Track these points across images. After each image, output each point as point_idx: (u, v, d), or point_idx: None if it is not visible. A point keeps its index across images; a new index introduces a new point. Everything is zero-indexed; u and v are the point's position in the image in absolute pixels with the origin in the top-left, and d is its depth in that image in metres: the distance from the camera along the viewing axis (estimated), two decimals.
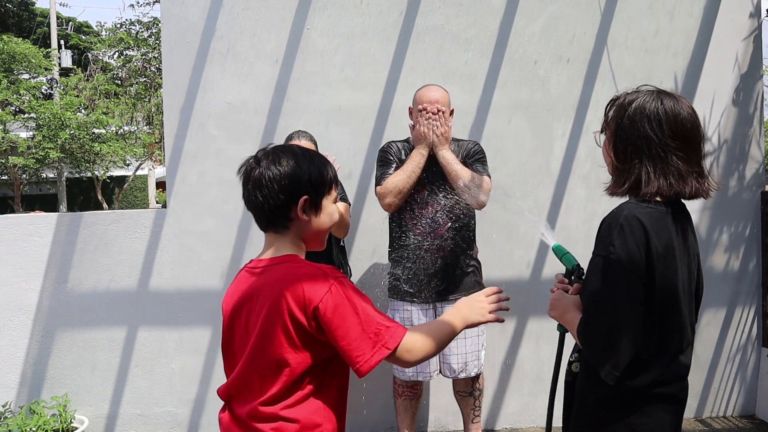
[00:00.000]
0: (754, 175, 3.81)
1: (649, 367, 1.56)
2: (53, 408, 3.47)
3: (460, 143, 3.13)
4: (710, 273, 3.80)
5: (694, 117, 1.65)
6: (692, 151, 1.65)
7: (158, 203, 20.44)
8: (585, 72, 3.72)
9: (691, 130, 1.64)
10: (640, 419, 1.58)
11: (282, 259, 1.57)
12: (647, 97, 1.67)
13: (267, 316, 1.49)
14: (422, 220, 3.04)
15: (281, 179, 1.53)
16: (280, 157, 1.56)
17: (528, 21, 3.68)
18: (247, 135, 3.59)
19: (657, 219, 1.57)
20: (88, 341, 3.59)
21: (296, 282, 1.48)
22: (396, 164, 3.06)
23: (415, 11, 3.64)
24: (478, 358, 3.14)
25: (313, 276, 1.49)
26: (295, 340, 1.48)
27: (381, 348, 1.47)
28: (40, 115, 12.95)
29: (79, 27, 24.48)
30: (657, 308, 1.55)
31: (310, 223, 1.58)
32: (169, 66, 3.59)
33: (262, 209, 1.57)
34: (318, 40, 3.61)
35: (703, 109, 3.76)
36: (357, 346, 1.46)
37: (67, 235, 3.56)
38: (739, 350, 3.86)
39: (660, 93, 1.68)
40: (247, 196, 1.60)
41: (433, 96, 3.00)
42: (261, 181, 1.55)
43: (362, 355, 1.46)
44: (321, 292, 1.46)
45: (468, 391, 3.24)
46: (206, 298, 3.59)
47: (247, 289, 1.58)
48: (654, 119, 1.62)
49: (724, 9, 3.76)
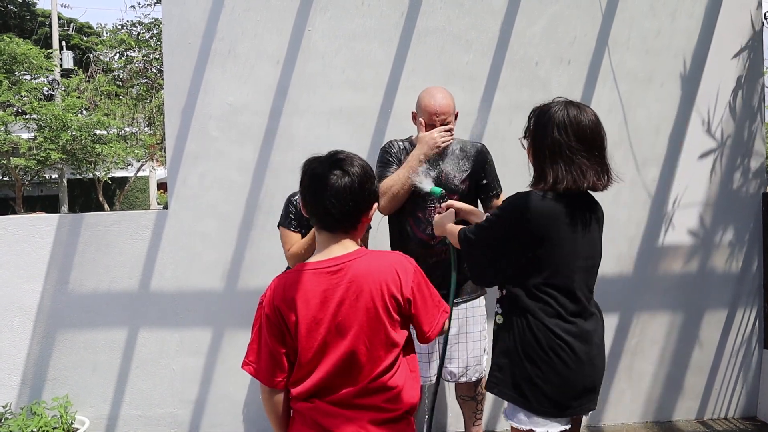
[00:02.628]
0: (755, 175, 3.81)
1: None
2: (54, 409, 3.47)
3: (464, 145, 3.08)
4: (712, 273, 3.80)
5: (595, 123, 2.07)
6: (592, 151, 2.04)
7: (159, 204, 20.46)
8: (586, 73, 3.71)
9: (590, 134, 2.04)
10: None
11: (360, 253, 1.74)
12: (557, 107, 2.07)
13: (370, 303, 1.69)
14: (422, 223, 3.01)
15: (368, 184, 1.73)
16: (356, 163, 1.73)
17: (529, 22, 3.68)
18: (248, 136, 3.59)
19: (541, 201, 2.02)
20: (89, 342, 3.59)
21: (391, 269, 1.73)
22: (395, 165, 3.01)
23: (416, 12, 3.64)
24: (479, 363, 3.11)
25: (400, 263, 1.76)
26: (397, 319, 1.73)
27: (443, 313, 1.82)
28: (42, 116, 12.96)
29: (80, 28, 24.50)
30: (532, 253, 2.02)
31: (364, 226, 1.80)
32: (170, 67, 3.59)
33: (349, 213, 1.72)
34: (319, 42, 3.61)
35: (705, 110, 3.76)
36: (432, 315, 1.79)
37: (69, 236, 3.56)
38: (740, 351, 3.85)
39: (567, 103, 2.08)
40: (333, 202, 1.69)
41: (439, 107, 2.92)
42: (352, 187, 1.69)
43: (433, 322, 1.79)
44: (410, 275, 1.74)
45: (471, 396, 3.22)
46: (207, 299, 3.59)
47: (331, 287, 1.69)
48: (561, 126, 2.03)
49: (725, 9, 3.76)
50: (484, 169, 3.06)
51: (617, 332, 3.77)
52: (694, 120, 3.76)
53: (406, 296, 1.72)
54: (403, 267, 1.75)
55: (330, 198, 1.67)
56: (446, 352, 3.01)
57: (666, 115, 3.75)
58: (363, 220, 1.76)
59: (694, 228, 3.78)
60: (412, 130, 3.44)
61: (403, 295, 1.72)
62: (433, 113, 2.92)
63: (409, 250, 2.99)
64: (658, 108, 3.74)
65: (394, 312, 1.71)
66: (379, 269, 1.71)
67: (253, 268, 3.59)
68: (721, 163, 3.80)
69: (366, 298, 1.68)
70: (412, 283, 1.73)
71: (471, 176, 3.03)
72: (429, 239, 2.97)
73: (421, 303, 1.76)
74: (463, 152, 3.05)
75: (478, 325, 3.10)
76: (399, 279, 1.72)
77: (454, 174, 3.01)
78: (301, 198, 1.81)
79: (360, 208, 1.72)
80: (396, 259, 1.77)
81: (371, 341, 1.70)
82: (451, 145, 3.04)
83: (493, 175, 3.09)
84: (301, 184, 1.76)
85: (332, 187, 1.67)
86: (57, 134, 12.99)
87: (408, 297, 1.72)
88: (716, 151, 3.79)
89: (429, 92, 3.00)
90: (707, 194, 3.79)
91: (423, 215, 2.98)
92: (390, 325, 1.71)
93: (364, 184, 1.71)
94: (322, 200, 1.69)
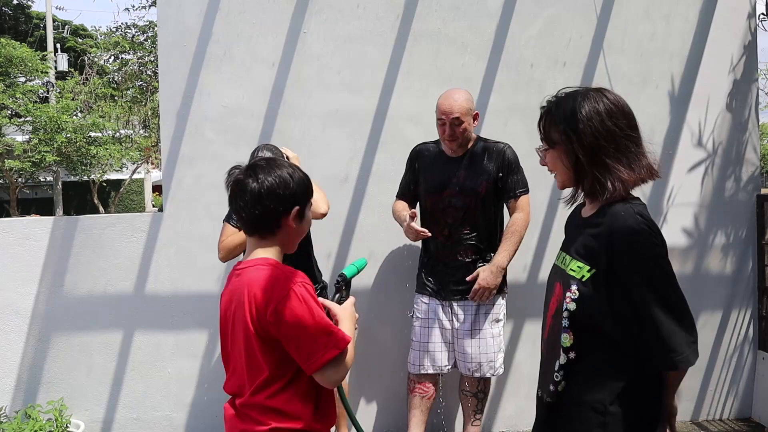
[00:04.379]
0: (750, 178, 3.82)
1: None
2: (49, 412, 3.45)
3: (487, 144, 3.17)
4: (706, 275, 3.81)
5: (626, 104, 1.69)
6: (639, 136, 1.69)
7: (155, 207, 20.39)
8: (581, 76, 3.72)
9: (634, 116, 1.69)
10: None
11: (255, 262, 1.69)
12: (588, 96, 1.67)
13: (241, 315, 1.65)
14: (442, 223, 3.14)
15: (279, 191, 1.67)
16: (274, 169, 1.70)
17: (524, 25, 3.69)
18: (244, 138, 3.58)
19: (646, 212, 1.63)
20: (84, 345, 3.58)
21: (260, 284, 1.63)
22: (409, 175, 3.29)
23: (411, 15, 3.64)
24: (494, 360, 3.17)
25: (276, 279, 1.63)
26: (263, 338, 1.62)
27: (331, 348, 1.61)
28: (37, 118, 12.92)
29: (75, 30, 24.45)
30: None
31: (294, 230, 1.73)
32: (165, 69, 3.59)
33: (258, 218, 1.69)
34: (314, 44, 3.61)
35: (699, 113, 3.78)
36: (309, 345, 1.60)
37: (63, 239, 3.55)
38: (735, 353, 3.86)
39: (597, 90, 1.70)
40: (241, 206, 1.70)
41: (448, 106, 3.05)
42: (259, 193, 1.66)
43: (314, 354, 1.60)
44: (280, 296, 1.60)
45: (472, 392, 3.24)
46: (203, 301, 3.58)
47: (232, 290, 1.72)
48: (611, 114, 1.65)
49: (719, 13, 3.77)
50: (502, 169, 3.12)
51: None
52: (688, 122, 3.78)
53: (271, 316, 1.60)
54: (276, 286, 1.62)
55: (239, 202, 1.70)
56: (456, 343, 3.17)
57: (661, 118, 3.76)
58: (281, 227, 1.70)
59: (688, 229, 3.79)
60: (406, 132, 3.45)
61: (268, 314, 1.60)
62: (442, 112, 3.06)
63: (430, 251, 3.21)
64: (652, 110, 3.75)
65: (261, 331, 1.62)
66: (252, 283, 1.64)
67: None
68: (716, 165, 3.81)
69: (241, 311, 1.65)
70: (277, 305, 1.59)
71: (489, 178, 3.10)
72: (443, 239, 3.14)
73: (286, 330, 1.60)
74: (485, 153, 3.14)
75: (496, 323, 3.19)
76: (264, 297, 1.61)
77: (472, 176, 3.10)
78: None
79: (269, 213, 1.67)
80: (275, 275, 1.64)
81: (248, 355, 1.66)
82: (476, 145, 3.17)
83: (512, 175, 3.14)
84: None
85: (242, 191, 1.69)
86: (52, 136, 12.94)
87: (269, 320, 1.60)
88: (710, 154, 3.80)
89: (446, 93, 3.13)
90: (701, 196, 3.80)
91: (442, 217, 3.13)
92: (260, 345, 1.63)
93: (274, 190, 1.66)
94: (234, 204, 1.72)
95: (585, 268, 1.61)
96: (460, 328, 3.15)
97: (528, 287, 3.71)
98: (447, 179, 3.12)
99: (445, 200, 3.12)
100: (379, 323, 3.60)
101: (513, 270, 3.71)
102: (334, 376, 1.64)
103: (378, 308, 3.60)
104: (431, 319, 3.18)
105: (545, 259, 3.70)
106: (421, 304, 3.23)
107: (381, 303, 3.60)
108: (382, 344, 3.62)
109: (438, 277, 3.18)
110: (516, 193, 3.13)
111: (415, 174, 3.26)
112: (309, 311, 1.61)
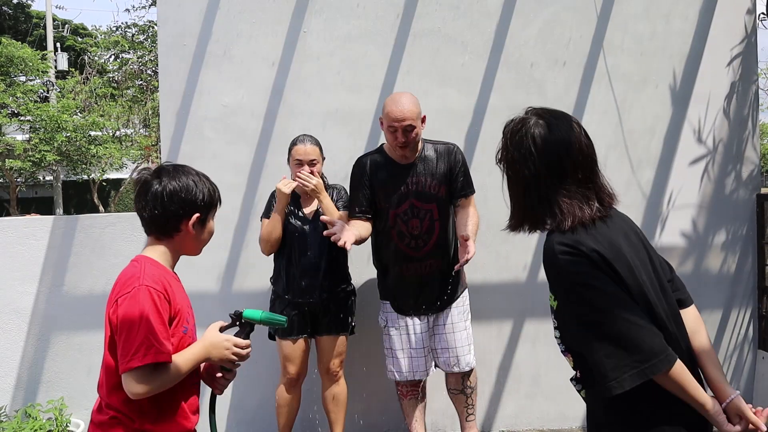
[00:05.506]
0: (749, 177, 3.82)
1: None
2: (49, 412, 3.46)
3: (437, 147, 3.11)
4: (706, 275, 3.81)
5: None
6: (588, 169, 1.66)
7: None
8: (581, 75, 3.72)
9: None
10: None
11: (136, 257, 1.76)
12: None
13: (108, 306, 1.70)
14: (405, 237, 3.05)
15: (180, 195, 1.73)
16: (180, 174, 1.76)
17: (524, 24, 3.69)
18: (244, 138, 3.58)
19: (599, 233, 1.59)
20: (84, 344, 3.58)
21: (119, 279, 1.70)
22: (364, 190, 3.09)
23: (411, 14, 3.64)
24: (469, 353, 3.16)
25: (130, 276, 1.67)
26: (110, 333, 1.67)
27: (138, 357, 1.59)
28: (37, 117, 12.92)
29: (75, 29, 24.44)
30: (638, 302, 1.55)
31: (194, 236, 1.79)
32: (165, 69, 3.59)
33: (157, 219, 1.75)
34: (314, 43, 3.61)
35: (699, 112, 3.78)
36: (124, 346, 1.60)
37: (63, 238, 3.55)
38: (735, 352, 3.87)
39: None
40: (143, 205, 1.76)
41: (400, 113, 2.92)
42: (161, 195, 1.72)
43: (125, 356, 1.60)
44: (124, 291, 1.64)
45: (459, 389, 3.24)
46: (202, 301, 3.57)
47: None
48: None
49: (719, 12, 3.77)
50: (455, 169, 3.08)
51: None
52: (688, 122, 3.78)
53: (112, 310, 1.66)
54: (125, 284, 1.66)
55: (141, 201, 1.76)
56: (433, 342, 3.15)
57: (660, 117, 3.76)
58: (180, 230, 1.76)
59: (688, 229, 3.79)
60: None
61: (112, 307, 1.66)
62: (394, 119, 2.94)
63: (390, 260, 3.10)
64: (652, 110, 3.75)
65: (109, 326, 1.67)
66: (119, 277, 1.71)
67: (248, 270, 3.58)
68: (715, 164, 3.81)
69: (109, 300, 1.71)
70: (122, 301, 1.63)
71: (445, 181, 3.06)
72: (410, 251, 3.05)
73: (116, 325, 1.64)
74: (435, 156, 3.08)
75: (464, 315, 3.18)
76: (114, 292, 1.68)
77: (428, 181, 3.05)
78: None
79: (167, 216, 1.73)
80: (130, 274, 1.69)
81: (106, 343, 1.71)
82: (424, 149, 3.10)
83: (464, 176, 3.10)
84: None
85: (145, 191, 1.75)
86: (52, 136, 12.94)
87: (112, 311, 1.66)
88: (710, 153, 3.80)
89: (393, 98, 3.02)
90: (701, 195, 3.80)
91: (406, 229, 3.04)
92: (108, 336, 1.68)
93: (174, 195, 1.72)
94: (137, 203, 1.78)
95: (551, 297, 1.67)
96: (435, 327, 3.14)
97: (528, 287, 3.71)
98: (406, 188, 3.03)
99: (408, 211, 3.03)
100: (377, 324, 3.60)
101: (512, 269, 3.72)
102: (134, 387, 1.60)
103: (376, 309, 3.60)
104: (406, 326, 3.14)
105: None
106: (391, 311, 3.19)
107: (380, 302, 3.59)
108: (380, 345, 3.61)
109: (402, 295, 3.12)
110: (468, 191, 3.09)
111: (371, 187, 3.08)
112: (140, 314, 1.60)
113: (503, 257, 3.69)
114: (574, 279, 1.54)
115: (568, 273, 1.55)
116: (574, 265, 1.54)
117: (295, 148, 3.12)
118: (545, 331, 3.74)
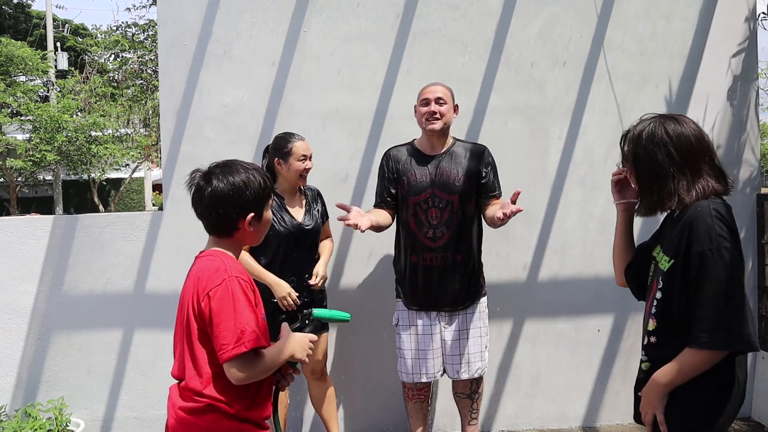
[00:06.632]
0: (749, 177, 3.82)
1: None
2: (49, 411, 3.46)
3: (467, 146, 3.16)
4: None
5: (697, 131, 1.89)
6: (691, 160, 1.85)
7: (155, 206, 20.39)
8: (581, 75, 3.73)
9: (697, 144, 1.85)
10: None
11: (209, 252, 1.82)
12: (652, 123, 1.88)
13: (188, 302, 1.77)
14: (424, 225, 3.05)
15: (232, 198, 1.78)
16: (228, 175, 1.80)
17: (524, 24, 3.69)
18: (244, 137, 3.58)
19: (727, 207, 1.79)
20: (84, 344, 3.58)
21: (204, 272, 1.75)
22: (386, 181, 3.14)
23: (411, 14, 3.64)
24: (481, 359, 3.14)
25: (215, 269, 1.74)
26: (200, 325, 1.74)
27: (241, 345, 1.67)
28: (37, 117, 12.92)
29: (75, 29, 24.43)
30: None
31: (253, 232, 1.85)
32: (165, 68, 3.59)
33: (215, 224, 1.82)
34: (314, 43, 3.61)
35: (698, 112, 3.78)
36: (224, 336, 1.68)
37: (63, 238, 3.55)
38: None
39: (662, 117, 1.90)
40: (200, 212, 1.84)
41: (433, 88, 3.07)
42: (214, 200, 1.78)
43: (227, 345, 1.67)
44: (214, 283, 1.71)
45: (466, 393, 3.23)
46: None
47: (187, 277, 1.85)
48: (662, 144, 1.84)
49: (719, 12, 3.77)
50: (484, 169, 3.09)
51: (612, 333, 3.78)
52: None
53: (204, 303, 1.72)
54: (213, 276, 1.73)
55: (197, 208, 1.84)
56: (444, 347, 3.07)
57: None
58: (239, 229, 1.82)
59: None
60: (406, 131, 3.45)
61: (202, 301, 1.73)
62: (427, 92, 3.07)
63: (408, 249, 3.10)
64: (653, 109, 3.68)
65: (199, 318, 1.75)
66: (199, 272, 1.77)
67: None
68: None
69: (189, 296, 1.78)
70: (215, 293, 1.71)
71: (472, 178, 3.07)
72: (427, 241, 3.04)
73: (216, 317, 1.70)
74: (465, 153, 3.11)
75: (480, 321, 3.15)
76: (202, 285, 1.74)
77: (453, 174, 3.06)
78: None
79: (224, 221, 1.80)
80: (216, 266, 1.75)
81: (187, 341, 1.78)
82: (454, 144, 3.13)
83: (494, 176, 3.14)
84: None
85: (199, 198, 1.82)
86: (52, 135, 12.95)
87: (203, 305, 1.72)
88: None
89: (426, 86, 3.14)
90: None
91: (425, 218, 3.04)
92: (198, 332, 1.75)
93: (227, 198, 1.78)
94: (195, 209, 1.86)
95: (666, 259, 1.81)
96: (447, 331, 3.11)
97: (528, 287, 3.72)
98: (430, 177, 3.05)
99: (429, 200, 3.04)
100: (378, 322, 3.60)
101: (512, 269, 3.72)
102: (236, 374, 1.69)
103: (377, 307, 3.61)
104: (416, 326, 3.12)
105: (545, 258, 3.70)
106: (403, 309, 3.18)
107: (380, 302, 3.60)
108: (381, 344, 3.62)
109: (417, 290, 3.10)
110: (498, 192, 3.12)
111: (394, 176, 3.12)
112: (233, 305, 1.69)
113: (503, 257, 3.69)
114: (718, 244, 1.70)
115: (717, 237, 1.70)
116: (723, 231, 1.71)
117: (296, 145, 3.11)
118: (545, 331, 3.74)
